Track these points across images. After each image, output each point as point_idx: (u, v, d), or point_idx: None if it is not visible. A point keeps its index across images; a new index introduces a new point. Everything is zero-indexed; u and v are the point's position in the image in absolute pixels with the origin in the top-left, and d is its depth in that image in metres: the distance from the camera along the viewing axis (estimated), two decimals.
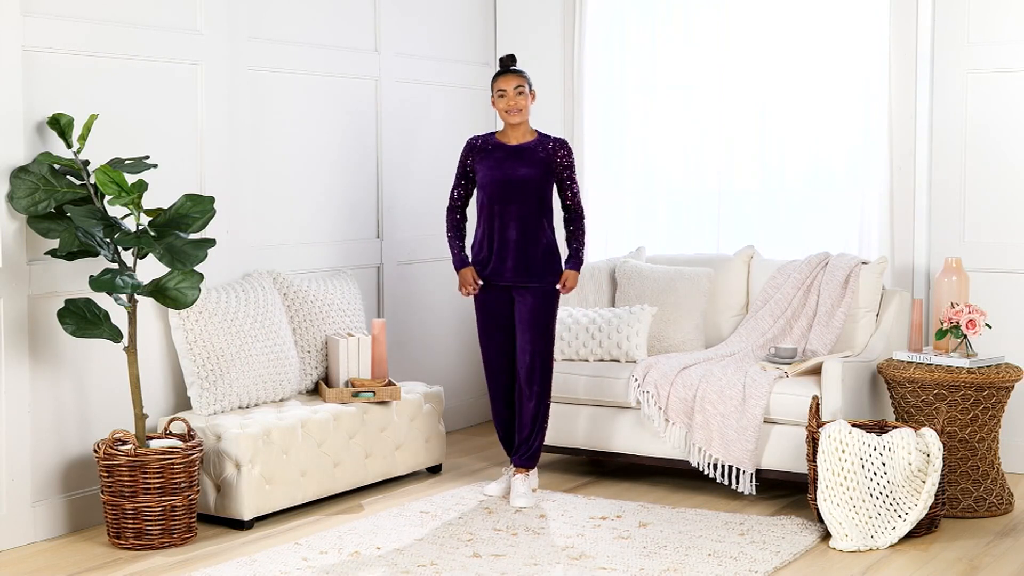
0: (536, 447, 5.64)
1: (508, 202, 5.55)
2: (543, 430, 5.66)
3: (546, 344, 5.59)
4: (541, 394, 5.60)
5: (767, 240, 6.57)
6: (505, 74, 5.56)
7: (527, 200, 5.55)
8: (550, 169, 5.57)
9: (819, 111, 6.48)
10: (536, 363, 5.56)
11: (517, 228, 5.55)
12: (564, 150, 5.59)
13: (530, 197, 5.55)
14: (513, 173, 5.55)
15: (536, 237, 5.56)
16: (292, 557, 4.78)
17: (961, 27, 6.10)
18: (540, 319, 5.57)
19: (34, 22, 4.94)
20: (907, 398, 5.44)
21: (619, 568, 4.66)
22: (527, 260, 5.56)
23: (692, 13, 6.79)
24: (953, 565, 4.77)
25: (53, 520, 5.08)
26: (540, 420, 5.63)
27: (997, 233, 6.10)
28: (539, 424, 5.63)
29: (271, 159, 6.00)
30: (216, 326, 5.37)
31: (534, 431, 5.62)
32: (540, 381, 5.59)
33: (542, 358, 5.58)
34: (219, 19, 5.64)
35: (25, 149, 4.92)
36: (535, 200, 5.56)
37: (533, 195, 5.56)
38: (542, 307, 5.57)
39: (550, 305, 5.59)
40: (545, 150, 5.57)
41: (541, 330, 5.57)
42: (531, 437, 5.62)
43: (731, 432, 5.56)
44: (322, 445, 5.46)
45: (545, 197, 5.59)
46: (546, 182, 5.58)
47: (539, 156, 5.56)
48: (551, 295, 5.59)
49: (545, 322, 5.58)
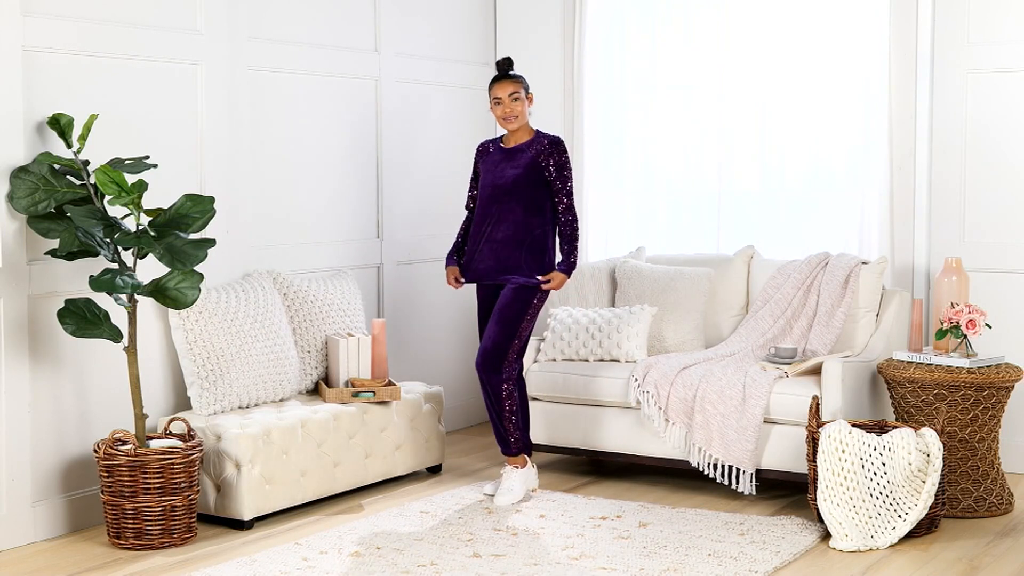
0: (505, 434, 5.60)
1: (496, 203, 5.56)
2: (510, 418, 5.57)
3: (506, 338, 5.51)
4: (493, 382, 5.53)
5: (767, 240, 6.57)
6: (500, 80, 5.55)
7: (512, 201, 5.53)
8: (536, 168, 5.52)
9: (819, 111, 6.48)
10: (490, 352, 5.51)
11: (503, 229, 5.55)
12: (553, 148, 5.53)
13: (515, 198, 5.52)
14: (501, 175, 5.56)
15: (521, 238, 5.53)
16: (292, 557, 4.78)
17: (961, 27, 6.10)
18: (507, 311, 5.51)
19: (34, 22, 4.94)
20: (907, 398, 5.45)
21: (619, 568, 4.66)
22: (503, 259, 5.54)
23: (692, 13, 6.79)
24: (953, 565, 4.77)
25: (53, 520, 5.08)
26: (500, 409, 5.56)
27: (997, 233, 6.10)
28: (502, 413, 5.57)
29: (271, 159, 6.00)
30: (216, 326, 5.37)
31: (500, 419, 5.59)
32: (489, 370, 5.53)
33: (496, 348, 5.51)
34: (219, 19, 5.64)
35: (25, 149, 4.92)
36: (521, 200, 5.52)
37: (518, 196, 5.52)
38: (513, 301, 5.51)
39: (523, 301, 5.52)
40: (534, 149, 5.54)
41: (505, 322, 5.51)
42: (500, 425, 5.60)
43: (731, 432, 5.56)
44: (322, 445, 5.46)
45: (534, 197, 5.53)
46: (533, 181, 5.53)
47: (527, 155, 5.54)
48: (528, 291, 5.52)
49: (512, 316, 5.51)
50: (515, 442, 5.63)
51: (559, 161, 5.53)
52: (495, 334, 5.53)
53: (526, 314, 5.54)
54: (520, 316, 5.53)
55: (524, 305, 5.54)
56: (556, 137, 5.59)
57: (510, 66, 5.60)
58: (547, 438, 6.03)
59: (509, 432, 5.61)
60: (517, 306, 5.53)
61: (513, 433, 5.62)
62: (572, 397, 6.01)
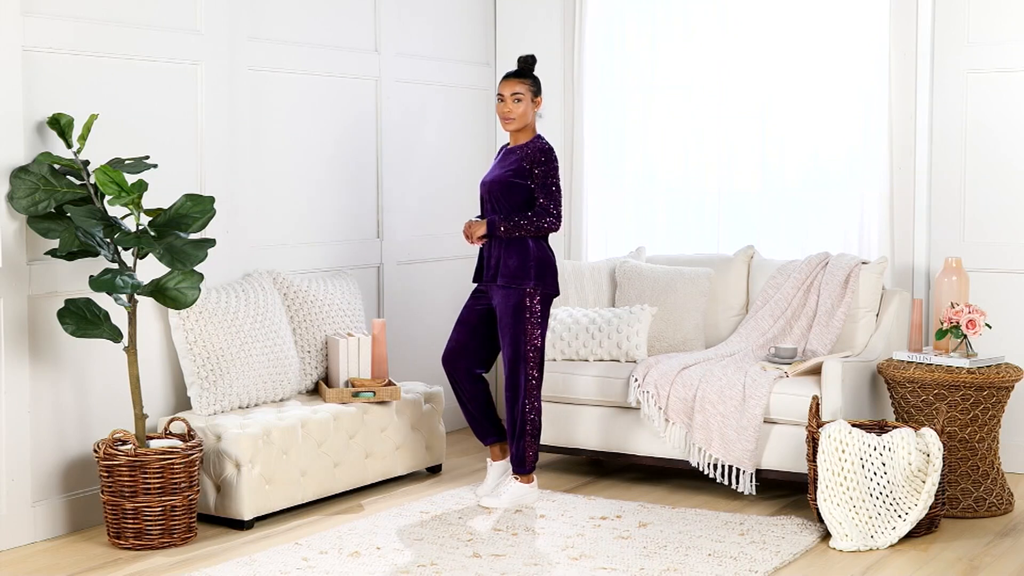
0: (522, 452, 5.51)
1: (486, 204, 5.53)
2: (525, 436, 5.49)
3: (516, 349, 5.42)
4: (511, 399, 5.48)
5: (767, 240, 6.57)
6: (508, 78, 5.47)
7: (500, 202, 5.44)
8: (521, 172, 5.41)
9: (819, 111, 6.48)
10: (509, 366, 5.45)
11: None
12: (539, 155, 5.38)
13: (502, 200, 5.43)
14: (491, 176, 5.51)
15: (505, 242, 5.41)
16: (292, 557, 4.78)
17: (961, 27, 6.10)
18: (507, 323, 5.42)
19: (34, 22, 4.94)
20: (907, 398, 5.45)
21: (619, 568, 4.66)
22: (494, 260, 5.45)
23: (692, 13, 6.79)
24: (953, 565, 4.77)
25: (53, 520, 5.08)
26: (520, 425, 5.48)
27: (997, 233, 6.10)
28: (520, 430, 5.48)
29: (271, 159, 6.00)
30: (216, 326, 5.37)
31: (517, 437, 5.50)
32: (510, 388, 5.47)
33: (514, 363, 5.44)
34: (219, 19, 5.64)
35: (25, 149, 4.92)
36: (507, 203, 5.42)
37: (505, 198, 5.42)
38: (510, 311, 5.41)
39: (518, 310, 5.40)
40: (523, 152, 5.44)
41: (510, 334, 5.42)
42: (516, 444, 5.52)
43: (731, 432, 5.56)
44: (322, 445, 5.46)
45: (519, 200, 5.41)
46: (517, 184, 5.41)
47: (515, 158, 5.45)
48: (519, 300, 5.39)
49: (513, 327, 5.41)
50: (531, 458, 5.51)
51: (544, 171, 5.38)
52: (505, 347, 5.43)
53: (526, 315, 5.40)
54: (520, 319, 5.40)
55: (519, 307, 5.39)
56: (547, 145, 5.45)
57: (528, 66, 5.48)
58: (547, 438, 6.03)
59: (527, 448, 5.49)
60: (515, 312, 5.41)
61: (530, 448, 5.51)
62: (572, 397, 6.00)
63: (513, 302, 5.41)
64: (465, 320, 5.63)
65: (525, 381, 5.44)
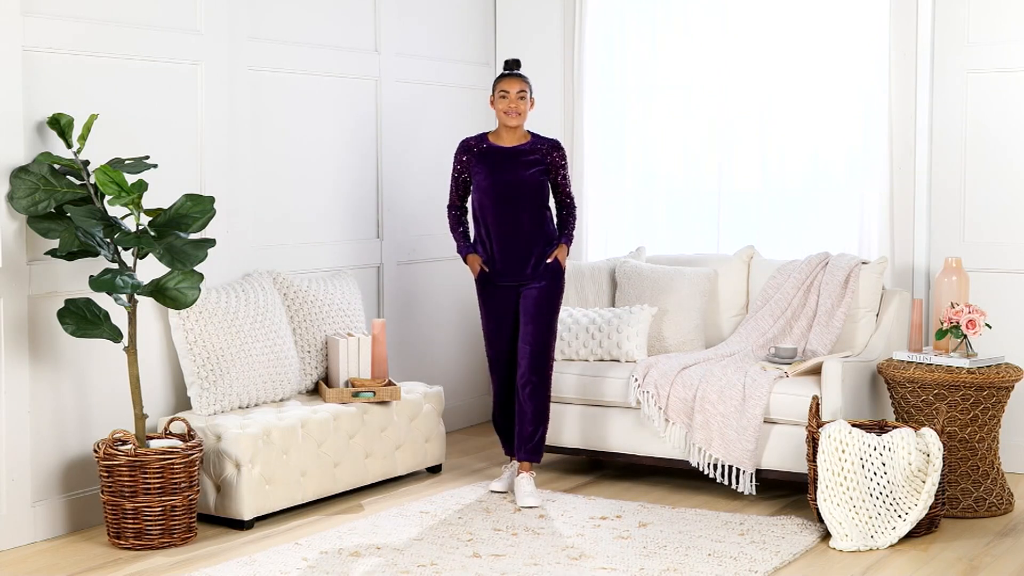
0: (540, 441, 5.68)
1: (510, 203, 5.59)
2: (545, 422, 5.69)
3: (547, 338, 5.63)
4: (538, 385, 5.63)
5: (767, 240, 6.57)
6: (510, 76, 5.64)
7: (530, 200, 5.61)
8: (546, 171, 5.66)
9: (819, 111, 6.48)
10: (539, 354, 5.61)
11: (522, 228, 5.60)
12: (558, 152, 5.68)
13: (532, 198, 5.62)
14: (514, 175, 5.60)
15: (537, 235, 5.63)
16: (292, 557, 4.78)
17: (961, 27, 6.10)
18: (544, 313, 5.62)
19: (34, 22, 4.94)
20: (907, 398, 5.45)
21: (619, 568, 4.66)
22: (524, 257, 5.62)
23: (692, 13, 6.79)
24: (953, 565, 4.77)
25: (53, 520, 5.08)
26: (541, 412, 5.65)
27: (997, 233, 6.10)
28: (541, 416, 5.65)
29: (271, 159, 6.00)
30: (216, 326, 5.37)
31: (536, 424, 5.64)
32: (539, 371, 5.63)
33: (546, 347, 5.63)
34: (219, 19, 5.64)
35: (25, 149, 4.92)
36: (537, 200, 5.64)
37: (535, 196, 5.63)
38: (546, 301, 5.63)
39: (553, 300, 5.65)
40: (540, 152, 5.66)
41: (544, 324, 5.62)
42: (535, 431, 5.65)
43: (731, 432, 5.56)
44: (322, 445, 5.46)
45: (545, 197, 5.69)
46: (544, 181, 5.66)
47: (535, 158, 5.64)
48: (555, 290, 5.65)
49: (548, 317, 5.63)
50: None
51: (564, 163, 5.71)
52: (535, 336, 5.61)
53: (558, 313, 5.69)
54: (555, 316, 5.66)
55: (556, 303, 5.66)
56: (556, 140, 5.74)
57: (519, 66, 5.72)
58: (548, 438, 6.02)
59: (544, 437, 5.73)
60: (551, 306, 5.64)
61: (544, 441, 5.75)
62: (572, 397, 6.01)
63: (555, 291, 5.65)
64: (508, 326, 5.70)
65: (550, 367, 5.68)
